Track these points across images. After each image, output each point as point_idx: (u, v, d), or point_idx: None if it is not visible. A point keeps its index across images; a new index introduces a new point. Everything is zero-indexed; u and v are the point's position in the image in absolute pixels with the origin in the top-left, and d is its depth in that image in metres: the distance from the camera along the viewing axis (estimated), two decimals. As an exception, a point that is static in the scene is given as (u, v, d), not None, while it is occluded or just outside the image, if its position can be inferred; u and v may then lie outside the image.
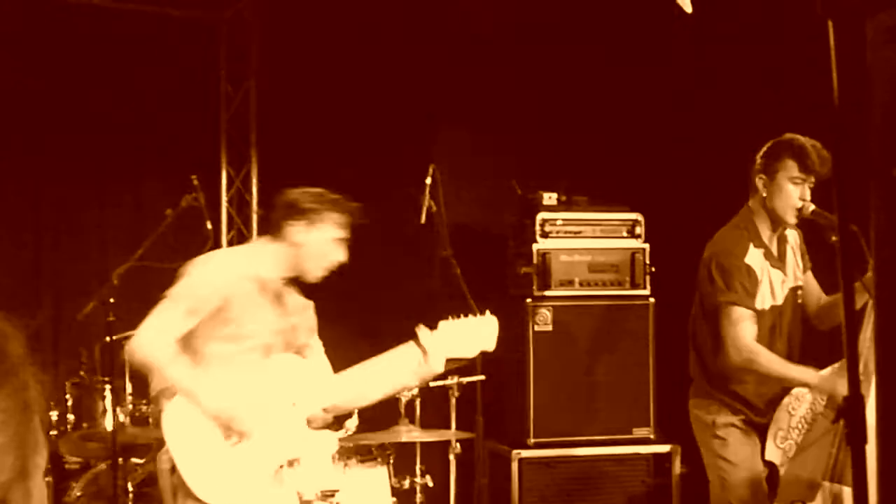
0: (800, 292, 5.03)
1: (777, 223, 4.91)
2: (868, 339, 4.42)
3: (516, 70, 6.93)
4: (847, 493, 4.73)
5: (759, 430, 4.89)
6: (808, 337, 5.07)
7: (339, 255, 4.35)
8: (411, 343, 4.26)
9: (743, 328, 4.77)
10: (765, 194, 4.85)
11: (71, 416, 5.64)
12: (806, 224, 4.89)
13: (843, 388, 4.68)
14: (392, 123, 6.89)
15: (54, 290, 6.68)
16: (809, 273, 5.11)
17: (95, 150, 6.68)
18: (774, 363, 4.79)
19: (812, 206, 4.78)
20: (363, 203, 4.36)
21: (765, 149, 4.90)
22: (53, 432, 5.55)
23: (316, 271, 4.35)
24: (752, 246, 4.86)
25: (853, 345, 2.57)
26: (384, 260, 6.58)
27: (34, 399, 1.63)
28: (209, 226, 5.78)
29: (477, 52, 6.92)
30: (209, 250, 5.17)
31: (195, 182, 5.63)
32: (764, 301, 4.87)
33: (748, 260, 4.83)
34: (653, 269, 6.29)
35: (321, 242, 4.32)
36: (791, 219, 4.84)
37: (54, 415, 5.55)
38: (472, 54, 6.92)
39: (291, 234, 4.31)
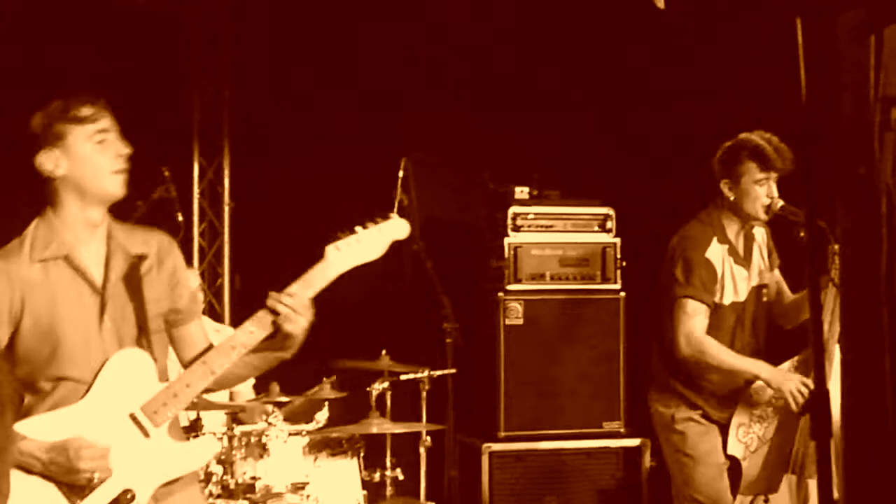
0: (765, 290, 5.07)
1: (745, 221, 4.95)
2: (826, 332, 4.48)
3: (490, 64, 6.94)
4: (809, 485, 4.79)
5: (719, 424, 4.93)
6: (773, 334, 5.11)
7: (118, 151, 3.29)
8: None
9: (695, 321, 4.81)
10: (732, 198, 4.89)
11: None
12: (774, 220, 4.93)
13: (791, 384, 4.78)
14: (365, 116, 6.88)
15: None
16: (777, 271, 5.15)
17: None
18: (724, 355, 4.83)
19: (781, 203, 4.82)
20: (337, 197, 4.29)
21: (721, 153, 4.94)
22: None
23: (110, 185, 3.29)
24: (715, 240, 4.90)
25: (819, 339, 2.59)
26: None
27: (7, 396, 1.60)
28: (180, 218, 5.77)
29: (450, 44, 6.92)
30: (180, 242, 5.16)
31: (166, 174, 5.61)
32: (724, 296, 4.90)
33: (709, 255, 4.87)
34: (623, 264, 6.32)
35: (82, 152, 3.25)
36: (762, 215, 4.89)
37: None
38: (445, 47, 6.92)
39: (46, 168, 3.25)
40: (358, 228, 3.37)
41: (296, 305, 3.26)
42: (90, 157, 3.25)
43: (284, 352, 3.34)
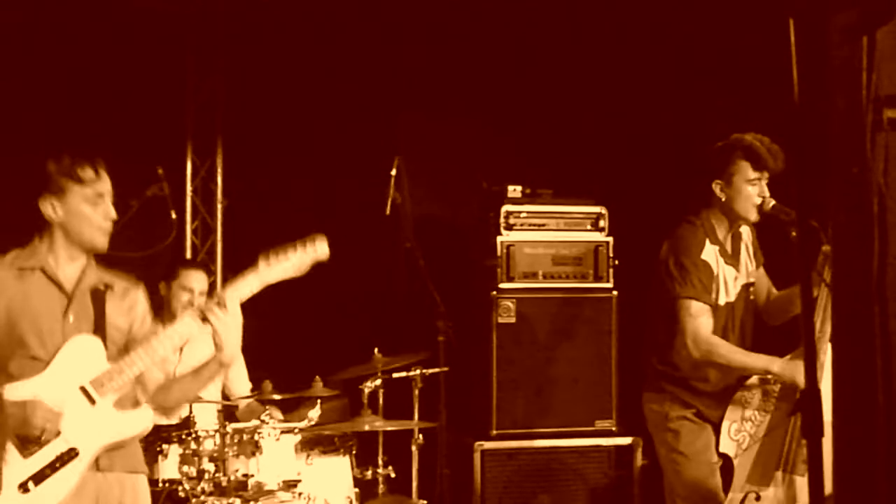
0: (751, 289, 5.09)
1: (734, 221, 4.97)
2: (818, 331, 4.49)
3: (483, 63, 6.94)
4: (800, 482, 4.80)
5: (712, 422, 4.94)
6: (759, 331, 5.12)
7: (106, 214, 3.80)
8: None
9: (701, 322, 4.82)
10: (724, 198, 4.90)
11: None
12: (764, 219, 4.94)
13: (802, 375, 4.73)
14: (358, 115, 6.88)
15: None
16: (761, 269, 5.17)
17: (60, 140, 6.63)
18: (734, 353, 4.84)
19: (773, 202, 4.83)
20: (329, 195, 4.29)
21: (713, 153, 4.94)
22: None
23: (96, 240, 3.79)
24: (708, 242, 4.92)
25: (811, 338, 2.60)
26: (348, 251, 6.57)
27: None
28: (173, 215, 5.76)
29: (443, 44, 6.92)
30: (173, 240, 5.17)
31: (160, 172, 5.61)
32: (718, 297, 4.92)
33: (704, 256, 4.89)
34: (616, 262, 6.33)
35: (77, 209, 3.76)
36: (753, 216, 4.90)
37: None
38: (438, 46, 6.92)
39: (46, 211, 3.76)
40: (289, 248, 3.82)
41: (216, 309, 3.69)
42: (83, 213, 3.75)
43: (219, 353, 3.73)
